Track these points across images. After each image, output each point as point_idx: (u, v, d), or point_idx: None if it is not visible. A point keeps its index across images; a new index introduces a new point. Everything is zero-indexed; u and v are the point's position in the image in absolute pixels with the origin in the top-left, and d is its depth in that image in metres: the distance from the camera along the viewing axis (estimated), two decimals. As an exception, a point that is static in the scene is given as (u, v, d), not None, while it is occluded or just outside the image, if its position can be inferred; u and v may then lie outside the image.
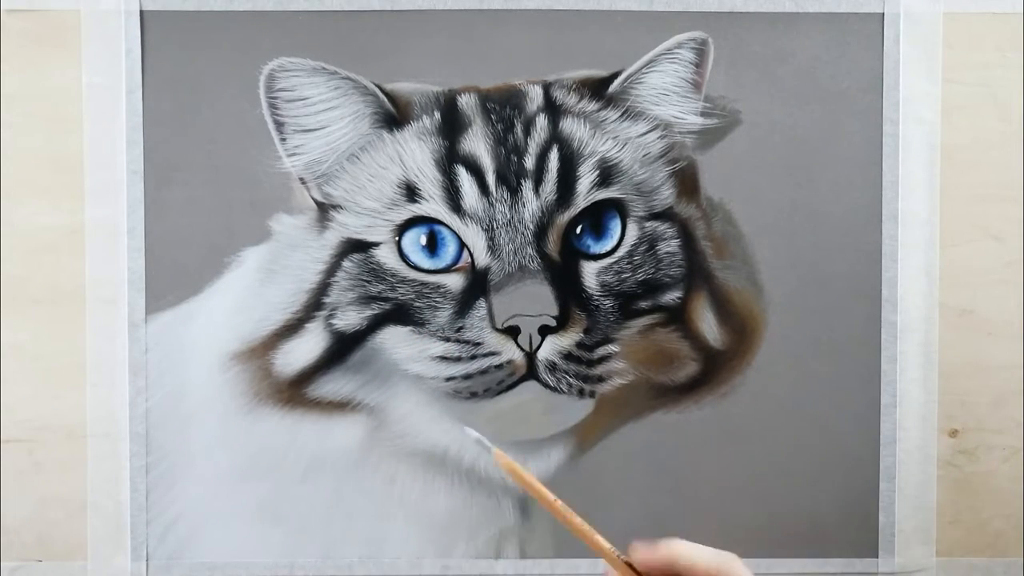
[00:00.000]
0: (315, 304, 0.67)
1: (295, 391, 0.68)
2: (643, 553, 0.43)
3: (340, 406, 0.68)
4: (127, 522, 0.69)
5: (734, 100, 0.68)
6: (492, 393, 0.66)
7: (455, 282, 0.66)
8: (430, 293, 0.66)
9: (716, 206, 0.68)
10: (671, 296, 0.67)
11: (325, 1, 0.68)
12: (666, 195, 0.67)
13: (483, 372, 0.66)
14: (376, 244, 0.66)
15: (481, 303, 0.65)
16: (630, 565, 0.43)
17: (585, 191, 0.66)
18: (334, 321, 0.67)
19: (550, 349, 0.65)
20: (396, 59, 0.68)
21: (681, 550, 0.42)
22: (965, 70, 0.69)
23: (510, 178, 0.66)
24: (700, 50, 0.67)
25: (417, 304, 0.66)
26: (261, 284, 0.67)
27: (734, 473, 0.69)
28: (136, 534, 0.69)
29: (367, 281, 0.66)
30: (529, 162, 0.66)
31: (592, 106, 0.67)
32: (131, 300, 0.68)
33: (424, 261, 0.66)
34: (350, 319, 0.67)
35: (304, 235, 0.67)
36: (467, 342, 0.66)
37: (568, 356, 0.66)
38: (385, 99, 0.66)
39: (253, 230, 0.68)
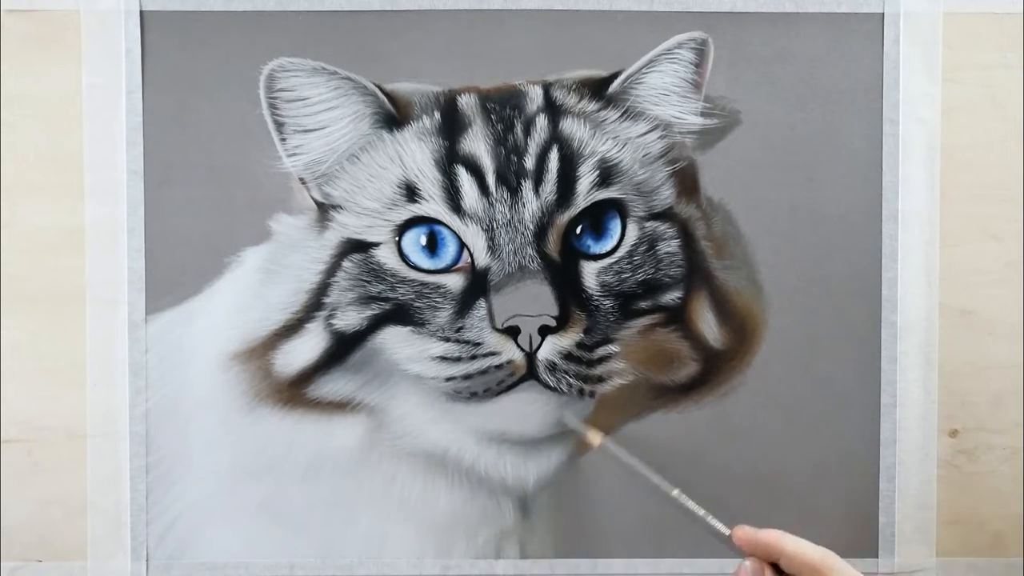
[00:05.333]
0: (315, 304, 0.67)
1: (295, 391, 0.68)
2: (748, 532, 0.52)
3: (340, 406, 0.68)
4: (127, 522, 0.69)
5: (734, 100, 0.68)
6: (492, 393, 0.66)
7: (455, 282, 0.66)
8: (430, 293, 0.66)
9: (716, 206, 0.68)
10: (671, 296, 0.67)
11: (325, 1, 0.68)
12: (666, 195, 0.67)
13: (483, 372, 0.66)
14: (376, 244, 0.66)
15: (481, 303, 0.65)
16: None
17: (585, 191, 0.66)
18: (334, 321, 0.67)
19: (550, 349, 0.65)
20: (396, 59, 0.68)
21: (787, 539, 0.51)
22: (965, 70, 0.69)
23: (510, 178, 0.66)
24: (700, 50, 0.67)
25: (417, 304, 0.66)
26: (261, 284, 0.67)
27: (734, 473, 0.69)
28: (136, 534, 0.69)
29: (367, 281, 0.66)
30: (529, 162, 0.66)
31: (592, 106, 0.67)
32: (131, 300, 0.68)
33: (424, 261, 0.66)
34: (350, 319, 0.67)
35: (304, 235, 0.67)
36: (467, 342, 0.66)
37: (568, 356, 0.66)
38: (385, 99, 0.66)
39: (253, 230, 0.68)
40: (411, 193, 0.66)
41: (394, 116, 0.67)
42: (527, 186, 0.66)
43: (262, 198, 0.68)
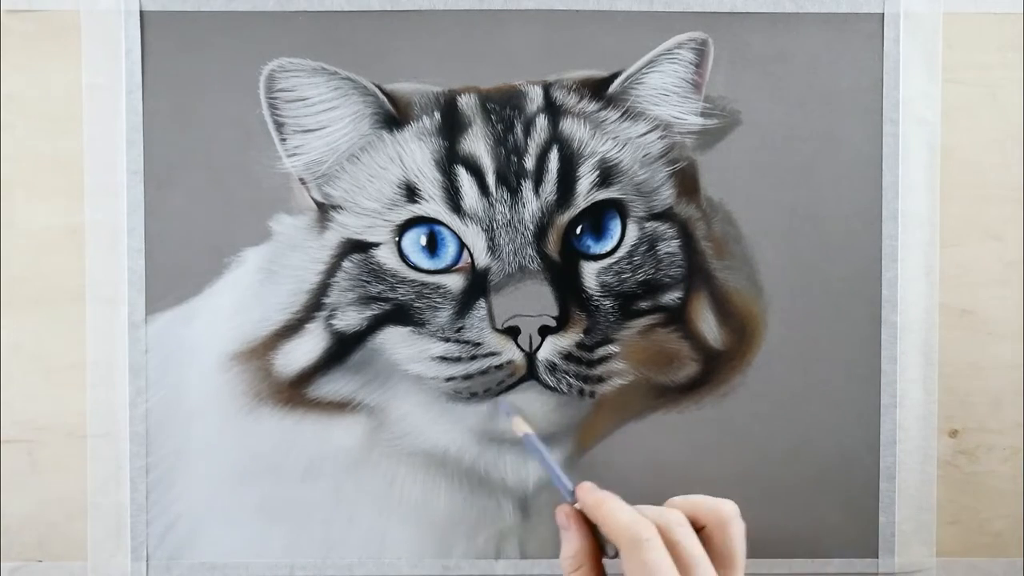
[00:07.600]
0: (315, 304, 0.67)
1: (295, 391, 0.68)
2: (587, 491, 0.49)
3: (340, 406, 0.68)
4: (127, 522, 0.69)
5: (734, 100, 0.68)
6: (492, 393, 0.66)
7: (455, 282, 0.66)
8: (430, 293, 0.66)
9: (716, 206, 0.68)
10: (671, 296, 0.67)
11: (325, 1, 0.68)
12: (666, 195, 0.67)
13: (483, 372, 0.66)
14: (376, 244, 0.66)
15: (481, 303, 0.65)
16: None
17: (585, 191, 0.66)
18: (334, 321, 0.67)
19: (550, 349, 0.65)
20: (396, 59, 0.68)
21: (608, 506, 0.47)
22: (965, 70, 0.69)
23: (510, 178, 0.66)
24: (700, 50, 0.67)
25: (417, 304, 0.66)
26: (261, 284, 0.67)
27: (734, 473, 0.69)
28: (136, 534, 0.69)
29: (367, 281, 0.66)
30: (529, 162, 0.66)
31: (592, 106, 0.67)
32: (131, 300, 0.68)
33: (424, 261, 0.66)
34: (350, 319, 0.67)
35: (304, 235, 0.67)
36: (467, 342, 0.66)
37: (568, 356, 0.66)
38: (385, 99, 0.66)
39: (253, 230, 0.68)
40: (411, 193, 0.66)
41: (394, 116, 0.67)
42: (527, 186, 0.66)
43: (262, 198, 0.67)
